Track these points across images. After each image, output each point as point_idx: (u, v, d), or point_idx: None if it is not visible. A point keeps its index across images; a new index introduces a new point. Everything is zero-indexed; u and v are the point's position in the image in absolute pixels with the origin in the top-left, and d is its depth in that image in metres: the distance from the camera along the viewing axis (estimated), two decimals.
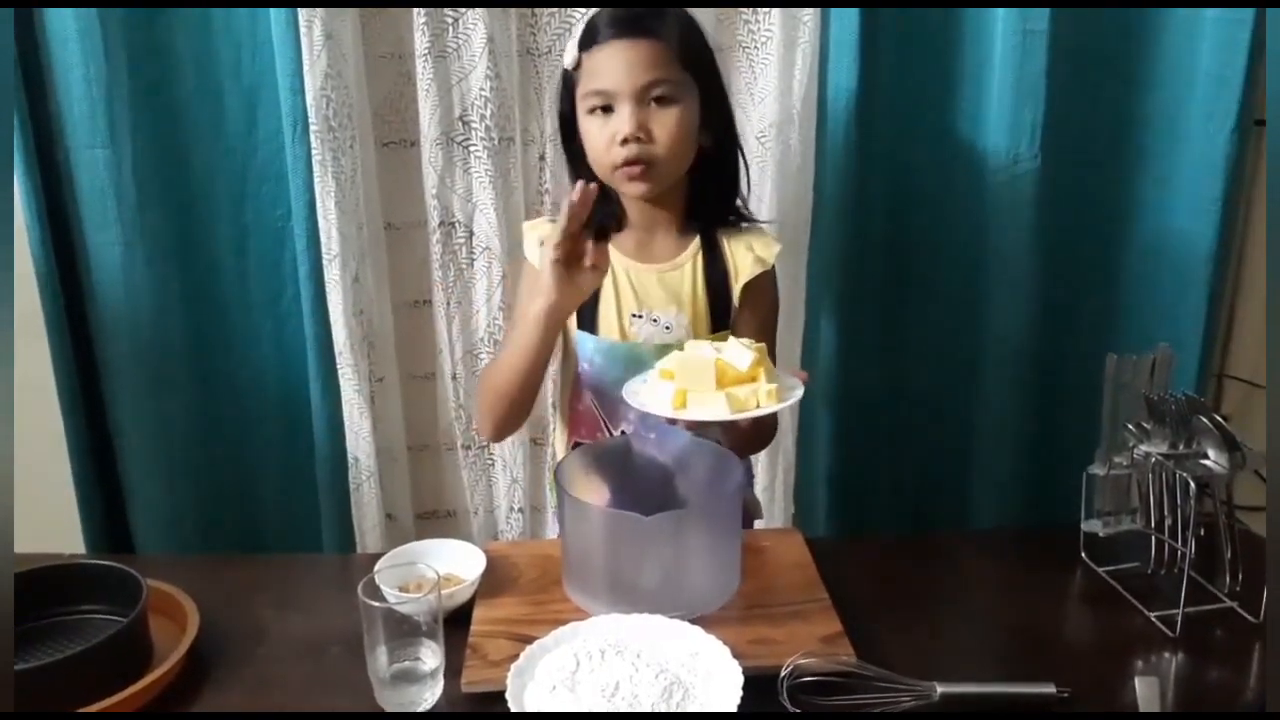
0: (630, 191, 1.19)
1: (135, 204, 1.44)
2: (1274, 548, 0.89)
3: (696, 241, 1.24)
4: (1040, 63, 1.43)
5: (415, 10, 1.42)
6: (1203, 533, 1.08)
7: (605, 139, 1.15)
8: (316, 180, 1.41)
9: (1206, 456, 1.06)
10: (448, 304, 1.57)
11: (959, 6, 1.47)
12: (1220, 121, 1.45)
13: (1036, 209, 1.50)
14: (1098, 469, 1.16)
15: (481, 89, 1.44)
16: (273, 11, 1.36)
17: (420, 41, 1.43)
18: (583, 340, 1.22)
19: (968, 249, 1.55)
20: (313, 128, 1.39)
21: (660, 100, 1.14)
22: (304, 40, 1.36)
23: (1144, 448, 1.10)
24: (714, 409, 1.00)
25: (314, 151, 1.40)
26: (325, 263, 1.45)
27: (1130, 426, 1.12)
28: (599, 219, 1.19)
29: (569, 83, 1.19)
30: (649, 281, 1.22)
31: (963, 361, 1.60)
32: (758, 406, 1.01)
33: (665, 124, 1.14)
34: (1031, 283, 1.54)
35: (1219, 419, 1.06)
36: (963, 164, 1.53)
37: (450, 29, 1.44)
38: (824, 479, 1.62)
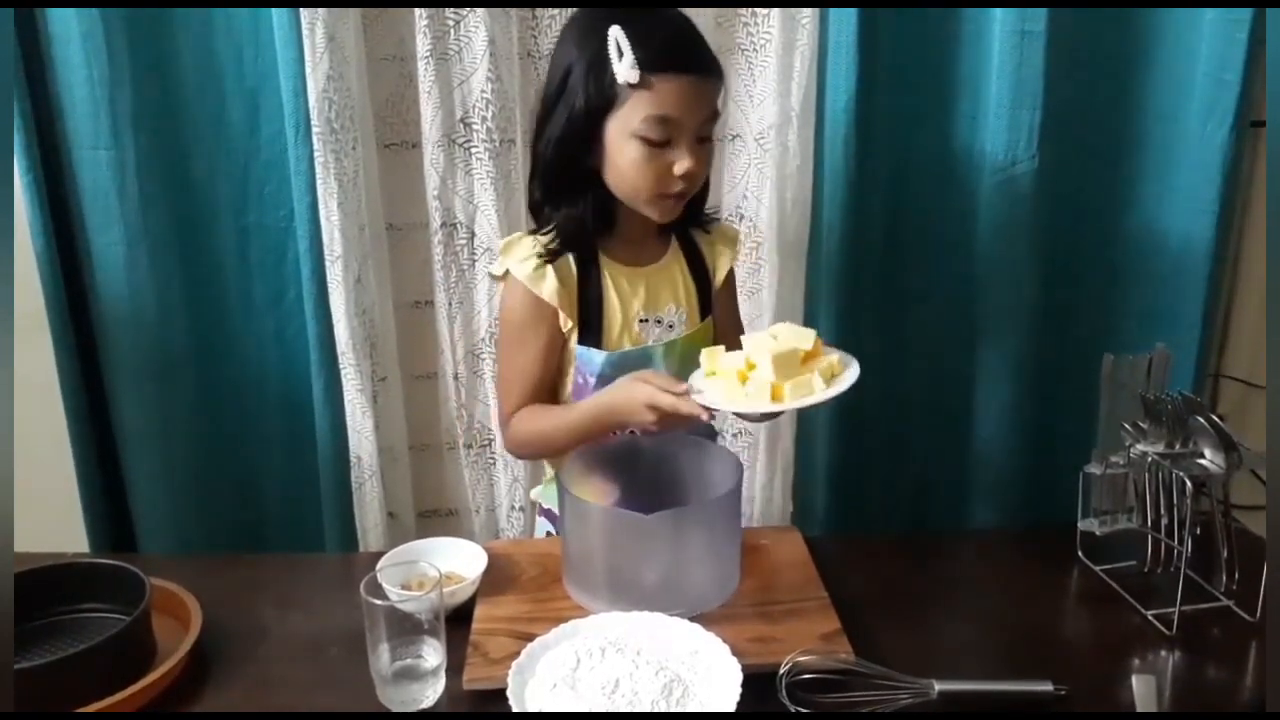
0: (661, 216, 1.17)
1: (138, 204, 1.45)
2: (1273, 548, 0.90)
3: (674, 240, 1.26)
4: (1038, 63, 1.43)
5: (417, 12, 1.42)
6: (1199, 532, 1.09)
7: (658, 169, 1.11)
8: (319, 181, 1.42)
9: (1203, 456, 1.07)
10: (449, 305, 1.58)
11: (956, 6, 1.48)
12: (1218, 122, 1.45)
13: (1034, 209, 1.50)
14: (1095, 468, 1.16)
15: (483, 91, 1.45)
16: (274, 13, 1.37)
17: (422, 44, 1.44)
18: (590, 356, 1.19)
19: (966, 249, 1.55)
20: (315, 129, 1.39)
21: (706, 138, 1.13)
22: (306, 42, 1.36)
23: (1141, 447, 1.11)
24: (816, 391, 1.02)
25: (316, 153, 1.40)
26: (328, 263, 1.46)
27: (1127, 426, 1.13)
28: (601, 226, 1.19)
29: (612, 93, 1.10)
30: (649, 284, 1.22)
31: (961, 360, 1.61)
32: (834, 379, 1.05)
33: (704, 159, 1.14)
34: (1029, 282, 1.55)
35: (1216, 419, 1.06)
36: (961, 165, 1.54)
37: (452, 31, 1.44)
38: (823, 478, 1.63)
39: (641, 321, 1.21)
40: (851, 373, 1.06)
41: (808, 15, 1.44)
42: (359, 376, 1.50)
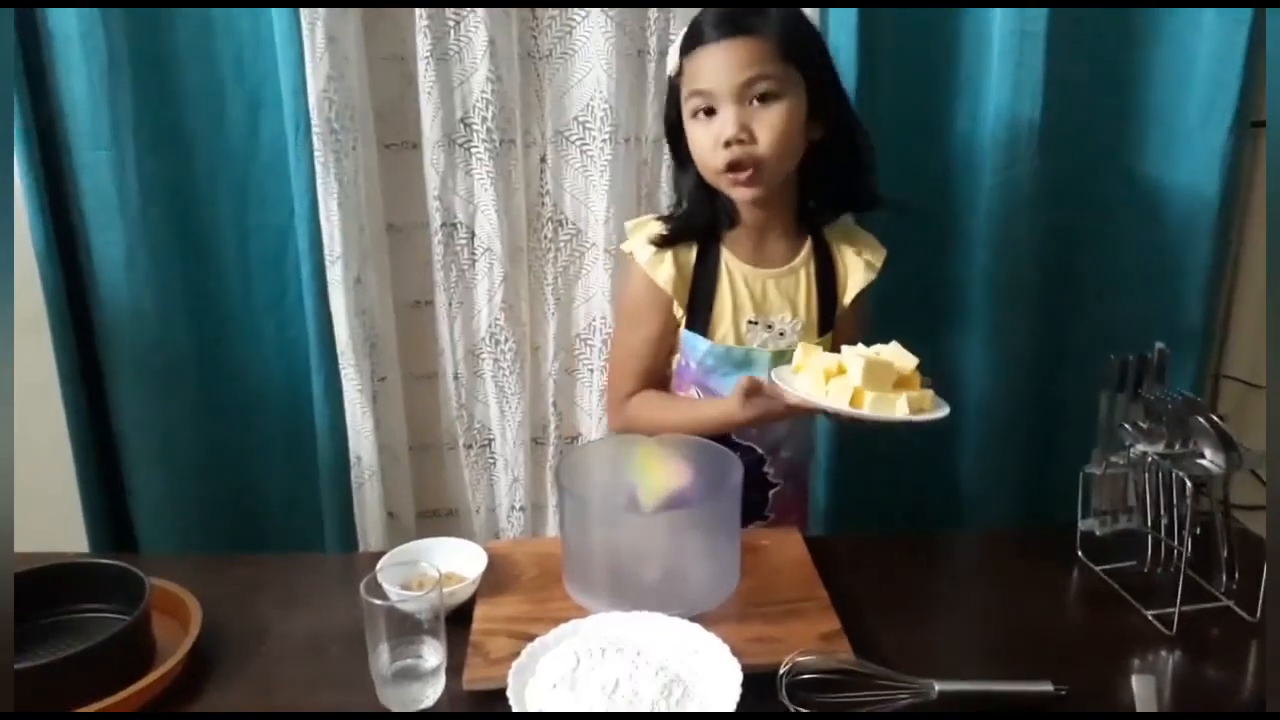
0: (738, 196, 1.17)
1: (138, 205, 1.45)
2: (1274, 548, 0.90)
3: (809, 245, 1.24)
4: (1038, 63, 1.43)
5: (417, 13, 1.43)
6: (1199, 532, 1.09)
7: (709, 141, 1.13)
8: (319, 181, 1.42)
9: (1203, 456, 1.07)
10: (449, 304, 1.58)
11: (957, 7, 1.48)
12: (1217, 122, 1.45)
13: (1034, 209, 1.51)
14: (1095, 468, 1.16)
15: (483, 91, 1.45)
16: (274, 14, 1.37)
17: (422, 44, 1.44)
18: (694, 341, 1.21)
19: (965, 248, 1.56)
20: (315, 129, 1.39)
21: (762, 98, 1.11)
22: (306, 42, 1.36)
23: (1141, 447, 1.11)
24: (898, 411, 1.03)
25: (316, 153, 1.40)
26: (328, 263, 1.46)
27: (1127, 426, 1.13)
28: (709, 220, 1.20)
29: (674, 89, 1.18)
30: (766, 287, 1.21)
31: (960, 360, 1.61)
32: (923, 411, 1.05)
33: (768, 122, 1.11)
34: (1029, 281, 1.55)
35: (1216, 419, 1.06)
36: (961, 165, 1.54)
37: (452, 32, 1.44)
38: (822, 478, 1.63)
39: (750, 324, 1.21)
40: (940, 411, 1.06)
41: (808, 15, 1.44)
42: (359, 376, 1.51)
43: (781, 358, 1.19)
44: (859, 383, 1.02)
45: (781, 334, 1.21)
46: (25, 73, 1.39)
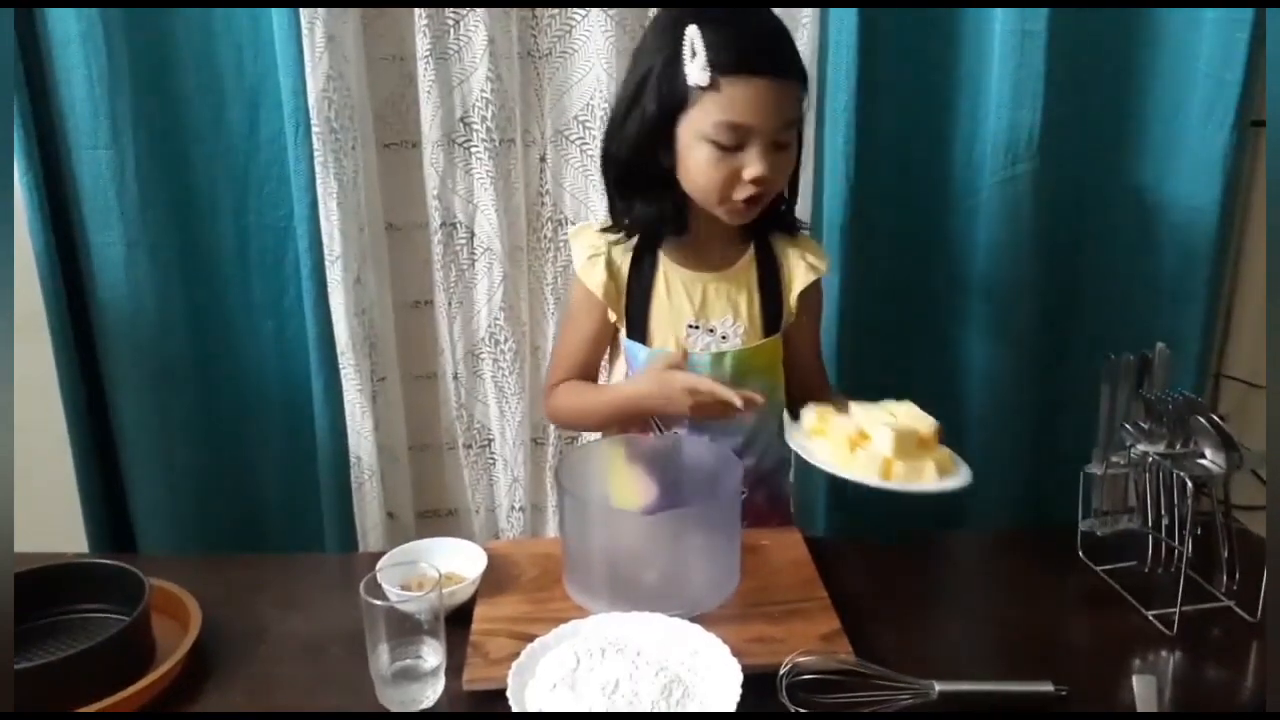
0: (733, 220, 1.14)
1: (137, 204, 1.45)
2: (1273, 548, 0.90)
3: (751, 249, 1.22)
4: (1038, 63, 1.43)
5: (416, 12, 1.43)
6: (1200, 532, 1.09)
7: (726, 174, 1.08)
8: (318, 181, 1.42)
9: (1204, 456, 1.07)
10: (449, 304, 1.58)
11: (956, 7, 1.48)
12: (1218, 122, 1.45)
13: (1035, 209, 1.51)
14: (1096, 468, 1.16)
15: (483, 90, 1.45)
16: (274, 13, 1.37)
17: (422, 43, 1.44)
18: (634, 349, 1.20)
19: (966, 249, 1.56)
20: (314, 129, 1.39)
21: (781, 143, 1.09)
22: (306, 42, 1.36)
23: (1141, 447, 1.11)
24: (927, 479, 1.03)
25: (316, 152, 1.40)
26: (327, 263, 1.46)
27: (1128, 426, 1.13)
28: (653, 230, 1.18)
29: (680, 95, 1.07)
30: (706, 291, 1.20)
31: (961, 360, 1.61)
32: (948, 472, 1.05)
33: (782, 165, 1.10)
34: (1029, 282, 1.55)
35: (1216, 419, 1.06)
36: (961, 164, 1.54)
37: (451, 31, 1.44)
38: (823, 477, 1.62)
39: (691, 328, 1.19)
40: (963, 473, 1.06)
41: (808, 15, 1.44)
42: (358, 376, 1.50)
43: (721, 360, 1.18)
44: (889, 454, 1.02)
45: (724, 337, 1.20)
46: (25, 72, 1.39)
